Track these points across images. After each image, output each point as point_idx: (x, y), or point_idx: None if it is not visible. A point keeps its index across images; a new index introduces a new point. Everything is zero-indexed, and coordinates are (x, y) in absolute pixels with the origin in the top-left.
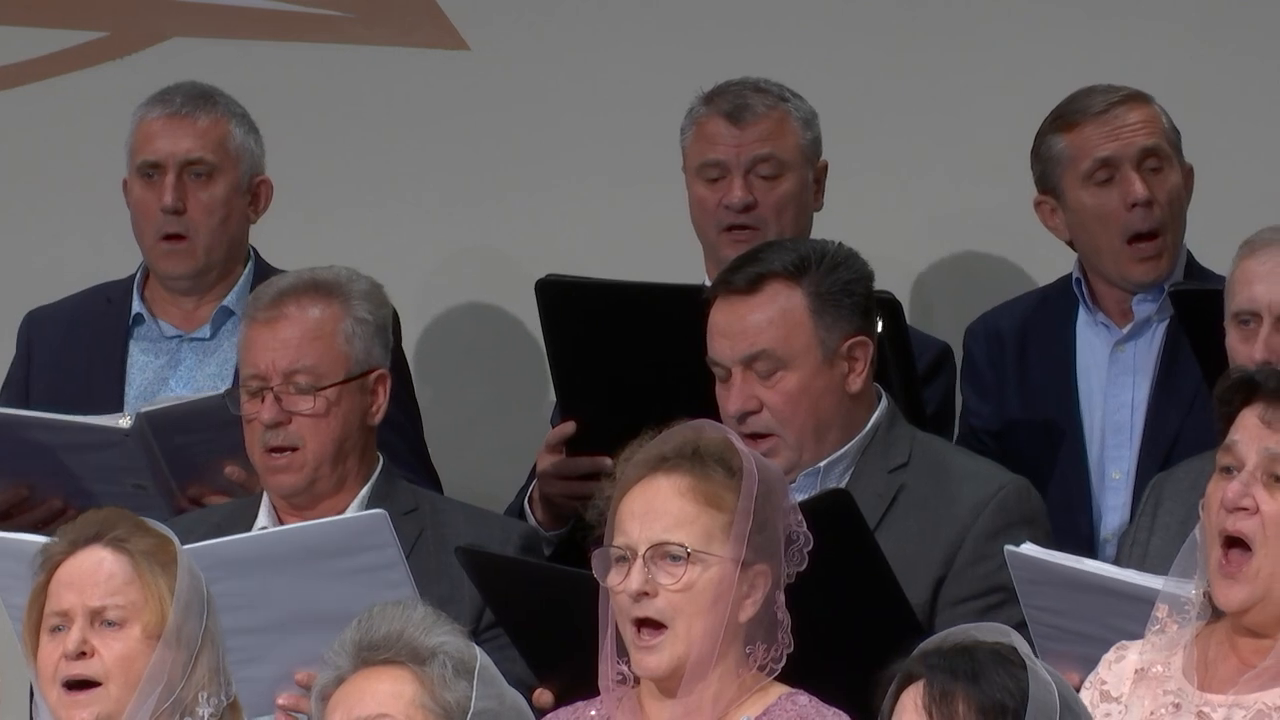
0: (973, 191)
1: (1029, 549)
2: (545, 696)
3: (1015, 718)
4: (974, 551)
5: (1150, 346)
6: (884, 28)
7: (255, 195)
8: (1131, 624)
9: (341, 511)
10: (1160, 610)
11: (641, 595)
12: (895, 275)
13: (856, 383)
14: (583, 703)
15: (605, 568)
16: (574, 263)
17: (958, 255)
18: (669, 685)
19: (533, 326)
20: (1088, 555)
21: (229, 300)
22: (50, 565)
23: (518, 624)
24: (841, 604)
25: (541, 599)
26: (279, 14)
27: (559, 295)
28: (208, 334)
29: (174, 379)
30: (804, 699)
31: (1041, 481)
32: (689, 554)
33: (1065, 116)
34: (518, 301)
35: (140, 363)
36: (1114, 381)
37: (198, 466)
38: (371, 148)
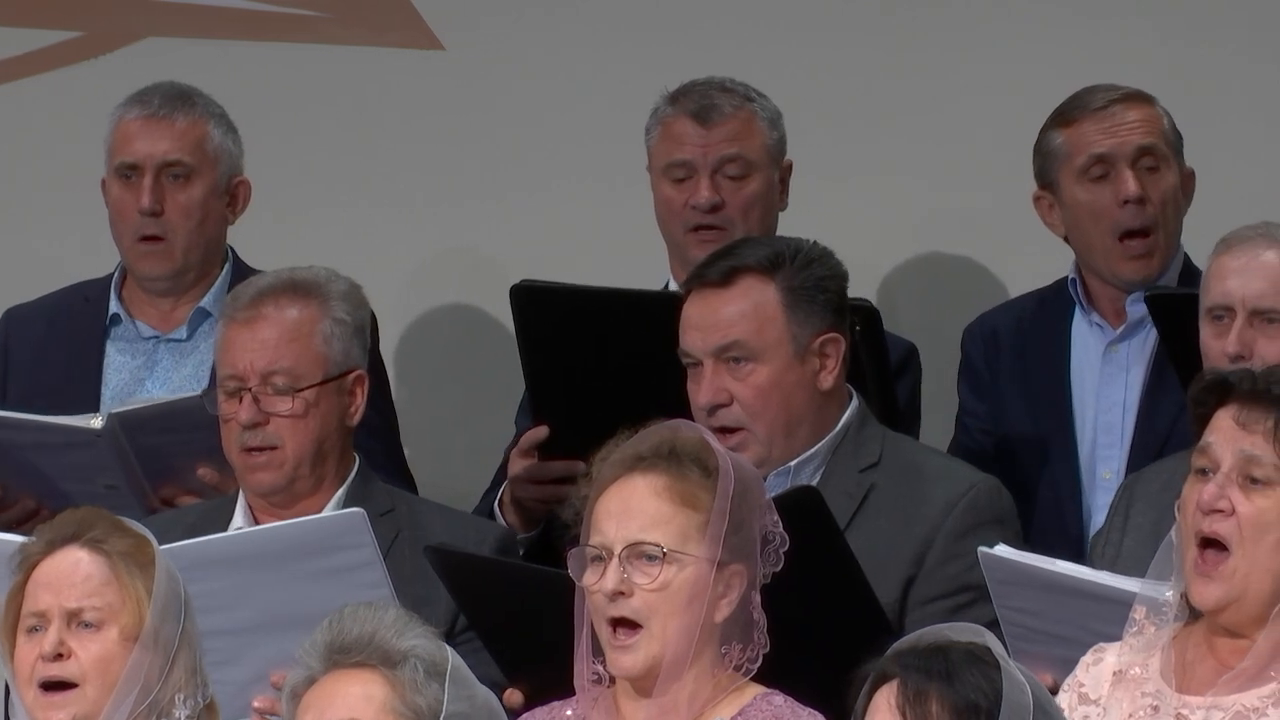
0: (942, 194)
1: (1002, 550)
2: (515, 697)
3: (989, 718)
4: (944, 551)
5: (1143, 347)
6: (857, 29)
7: (233, 196)
8: (1104, 625)
9: (318, 512)
10: (1138, 612)
11: (617, 595)
12: (862, 276)
13: (828, 380)
14: (558, 702)
15: (581, 567)
16: (551, 263)
17: (924, 257)
18: (644, 685)
19: (510, 328)
20: (1076, 554)
21: (206, 301)
22: (28, 565)
23: (488, 624)
24: (810, 602)
25: (513, 599)
26: (254, 14)
27: (533, 300)
28: (185, 335)
29: (150, 380)
30: (779, 699)
31: (1033, 480)
32: (665, 554)
33: (1066, 112)
34: (495, 303)
35: (117, 363)
36: (1106, 381)
37: (170, 467)
38: (347, 148)
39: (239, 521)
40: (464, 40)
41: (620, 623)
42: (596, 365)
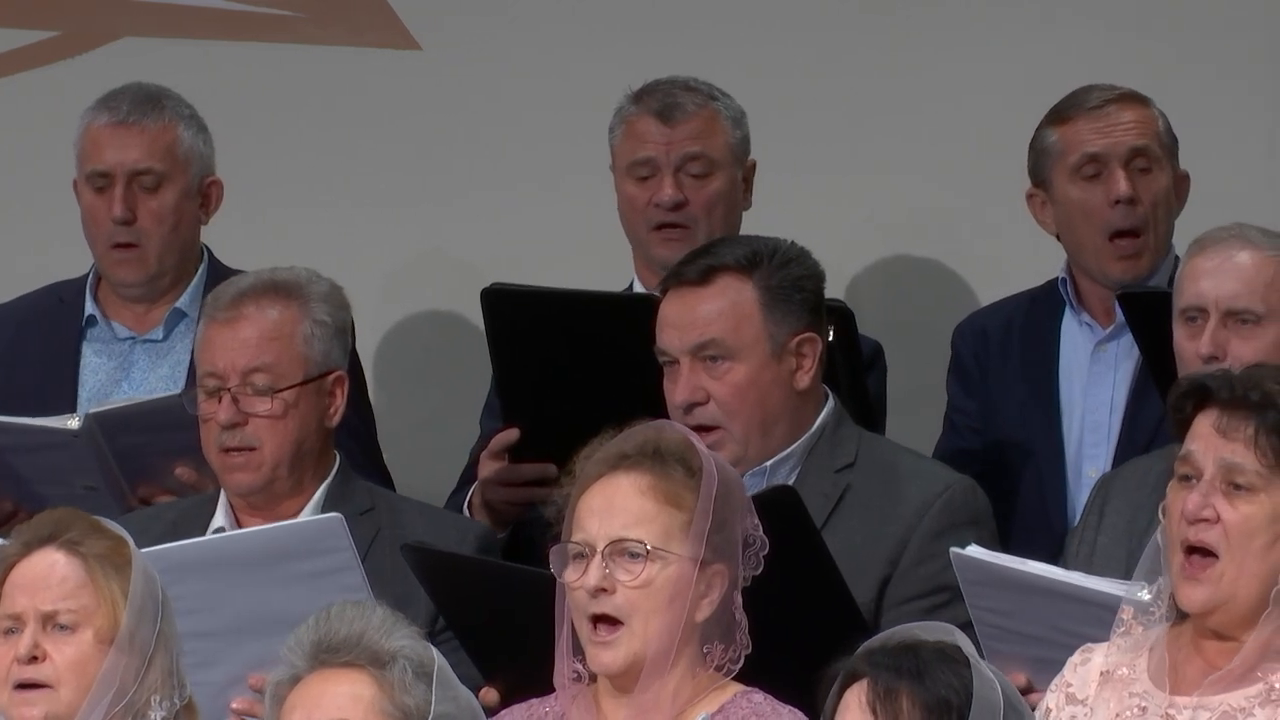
0: (911, 193)
1: (974, 550)
2: (491, 695)
3: (959, 715)
4: (919, 551)
5: (1132, 347)
6: (826, 29)
7: (206, 197)
8: (1076, 625)
9: (299, 511)
10: (1125, 612)
11: (599, 591)
12: (830, 275)
13: (804, 380)
14: (537, 700)
15: (563, 563)
16: (528, 263)
17: (892, 257)
18: (625, 682)
19: None
20: (1060, 552)
21: (182, 302)
22: (4, 567)
23: (464, 622)
24: (788, 601)
25: (490, 597)
26: (230, 13)
27: (503, 303)
28: (161, 335)
29: (126, 381)
30: (759, 697)
31: (1020, 478)
32: (648, 551)
33: (1061, 110)
34: (473, 304)
35: (93, 365)
36: (1094, 380)
37: (148, 467)
38: (323, 148)
39: (220, 519)
40: (441, 40)
41: (601, 619)
42: (567, 368)
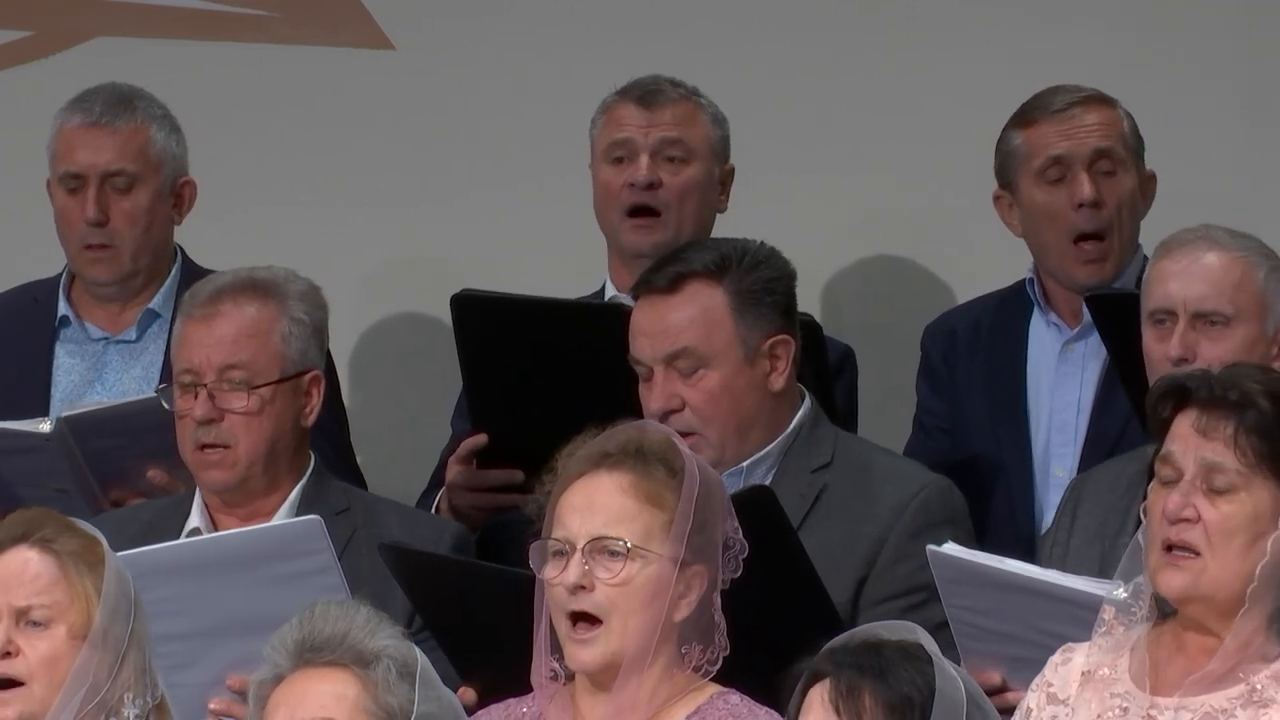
0: (884, 195)
1: (950, 548)
2: (468, 695)
3: (922, 713)
4: (896, 551)
5: (1099, 347)
6: (801, 29)
7: (179, 197)
8: (1053, 624)
9: (273, 510)
10: (1106, 612)
11: (578, 589)
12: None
13: (779, 381)
14: (514, 700)
15: (542, 560)
16: (502, 265)
17: (865, 259)
18: (602, 680)
19: None
20: (1028, 551)
21: (155, 302)
22: None
23: (442, 622)
24: (764, 601)
25: (467, 597)
26: (204, 13)
27: (473, 309)
28: (134, 336)
29: (100, 383)
30: (736, 698)
31: (987, 478)
32: (628, 550)
33: (1026, 113)
34: (445, 304)
35: (66, 365)
36: (1062, 381)
37: (120, 470)
38: (297, 148)
39: (195, 520)
40: (416, 41)
41: (580, 617)
42: (535, 375)
